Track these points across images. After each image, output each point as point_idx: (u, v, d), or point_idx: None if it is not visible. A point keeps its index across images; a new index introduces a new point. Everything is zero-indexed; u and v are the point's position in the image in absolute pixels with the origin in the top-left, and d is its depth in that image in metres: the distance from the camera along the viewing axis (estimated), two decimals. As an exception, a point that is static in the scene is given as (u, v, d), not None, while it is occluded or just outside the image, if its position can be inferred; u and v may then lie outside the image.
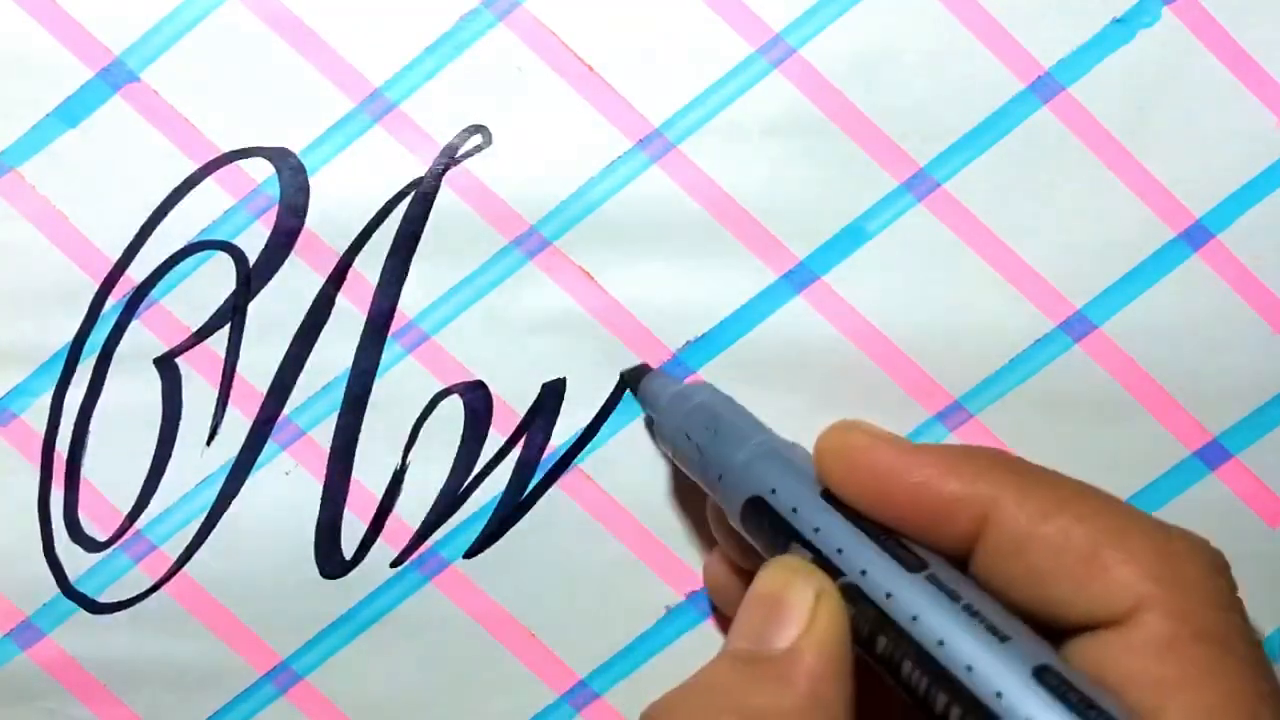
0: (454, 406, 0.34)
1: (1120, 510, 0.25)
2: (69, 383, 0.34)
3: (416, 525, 0.35)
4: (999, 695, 0.22)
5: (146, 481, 0.34)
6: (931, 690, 0.23)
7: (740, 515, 0.28)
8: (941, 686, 0.23)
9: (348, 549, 0.34)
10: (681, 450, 0.31)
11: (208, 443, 0.34)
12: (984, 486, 0.25)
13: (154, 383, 0.34)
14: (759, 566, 0.27)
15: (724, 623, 0.35)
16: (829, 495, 0.26)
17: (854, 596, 0.25)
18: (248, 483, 0.34)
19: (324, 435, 0.34)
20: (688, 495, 0.35)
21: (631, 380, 0.34)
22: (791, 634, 0.24)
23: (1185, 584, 0.23)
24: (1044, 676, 0.22)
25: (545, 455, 0.35)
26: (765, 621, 0.25)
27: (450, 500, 0.35)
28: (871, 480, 0.26)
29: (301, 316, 0.34)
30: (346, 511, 0.34)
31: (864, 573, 0.25)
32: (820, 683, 0.24)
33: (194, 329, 0.34)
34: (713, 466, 0.29)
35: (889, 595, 0.24)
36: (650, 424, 0.34)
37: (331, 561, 0.35)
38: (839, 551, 0.25)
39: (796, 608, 0.25)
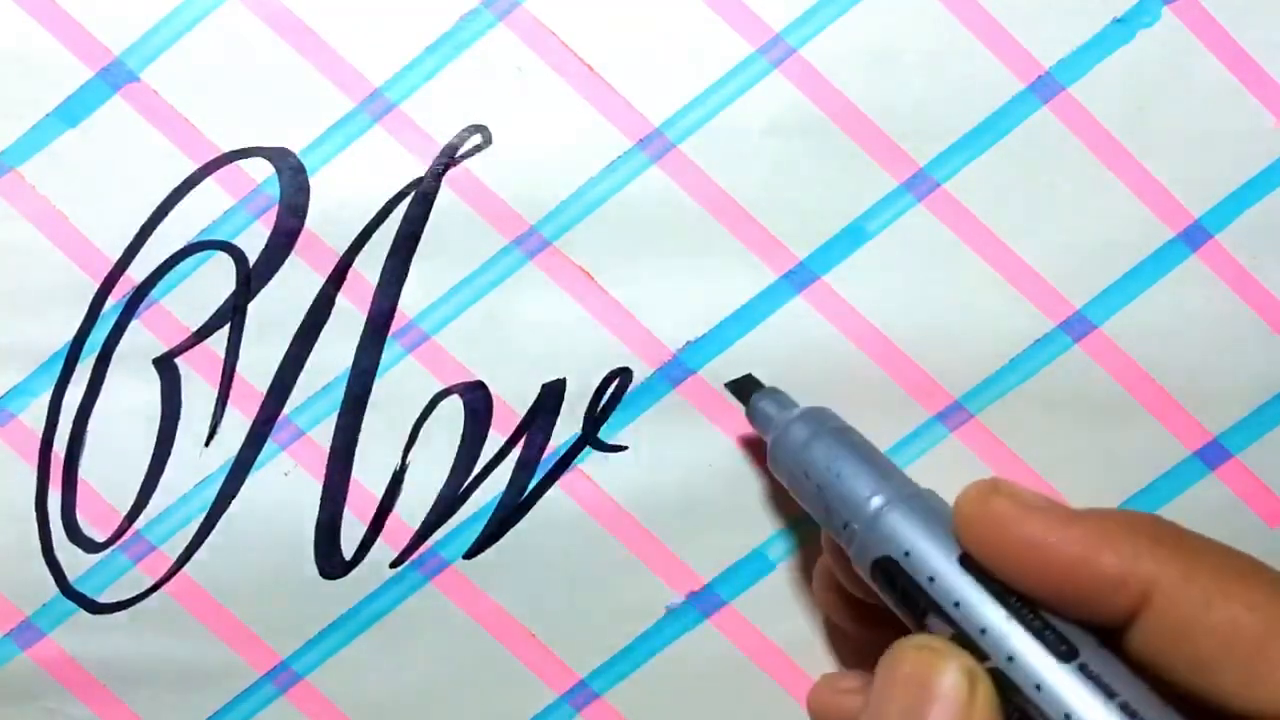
0: (454, 406, 0.34)
1: None
2: (68, 383, 0.34)
3: (416, 525, 0.35)
4: None
5: (145, 481, 0.34)
6: None
7: (870, 573, 0.27)
8: None
9: (348, 549, 0.34)
10: (801, 488, 0.29)
11: (207, 443, 0.34)
12: (1146, 564, 0.23)
13: (153, 383, 0.34)
14: (875, 612, 0.26)
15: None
16: (966, 559, 0.25)
17: (1001, 684, 0.23)
18: (247, 483, 0.34)
19: (324, 435, 0.34)
20: (688, 496, 0.35)
21: (739, 394, 0.33)
22: None
23: None
24: None
25: (545, 455, 0.35)
26: (918, 708, 0.24)
27: (450, 500, 0.35)
28: (1022, 553, 0.24)
29: (301, 316, 0.34)
30: (346, 512, 0.34)
31: (1010, 659, 0.23)
32: None
33: (194, 329, 0.34)
34: (837, 513, 0.28)
35: (1038, 688, 0.23)
36: (753, 444, 0.33)
37: (331, 562, 0.35)
38: (982, 632, 0.24)
39: (952, 696, 0.23)
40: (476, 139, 0.33)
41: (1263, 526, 0.35)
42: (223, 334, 0.34)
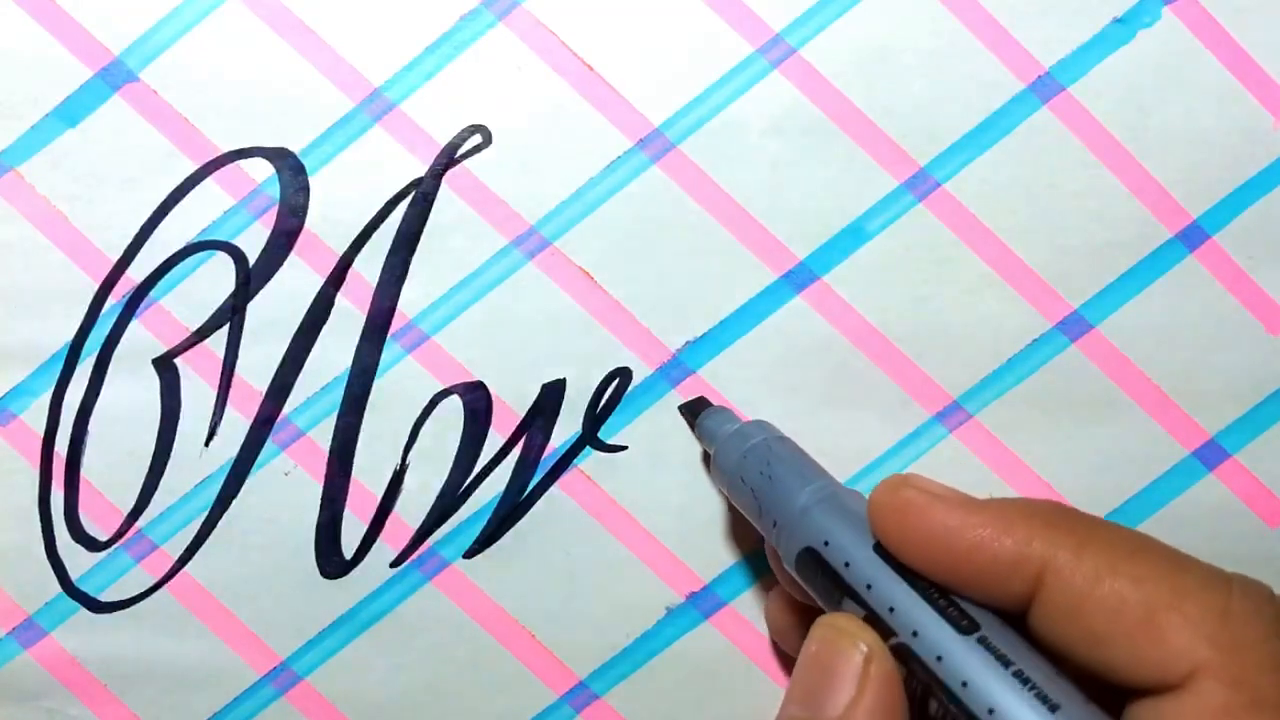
0: (454, 406, 0.34)
1: (1178, 567, 0.24)
2: (68, 383, 0.34)
3: (416, 525, 0.35)
4: None
5: (146, 481, 0.34)
6: None
7: (795, 564, 0.28)
8: None
9: (348, 549, 0.34)
10: (737, 493, 0.31)
11: (206, 443, 0.34)
12: (1039, 545, 0.24)
13: (153, 383, 0.34)
14: (816, 610, 0.27)
15: (760, 652, 0.35)
16: (880, 548, 0.26)
17: (905, 657, 0.24)
18: (247, 483, 0.34)
19: (324, 435, 0.34)
20: (688, 496, 0.35)
21: (689, 414, 0.34)
22: (843, 700, 0.24)
23: (1243, 648, 0.23)
24: None
25: (545, 455, 0.35)
26: (818, 686, 0.25)
27: (450, 500, 0.35)
28: (927, 538, 0.25)
29: (301, 316, 0.34)
30: (346, 512, 0.34)
31: (915, 633, 0.24)
32: None
33: (193, 329, 0.34)
34: (767, 513, 0.29)
35: (940, 658, 0.24)
36: (707, 460, 0.34)
37: (331, 562, 0.35)
38: (890, 610, 0.25)
39: (847, 673, 0.25)
40: (476, 139, 0.33)
41: (1263, 527, 0.35)
42: (222, 334, 0.34)
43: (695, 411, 0.34)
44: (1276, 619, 0.24)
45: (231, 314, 0.34)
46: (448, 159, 0.33)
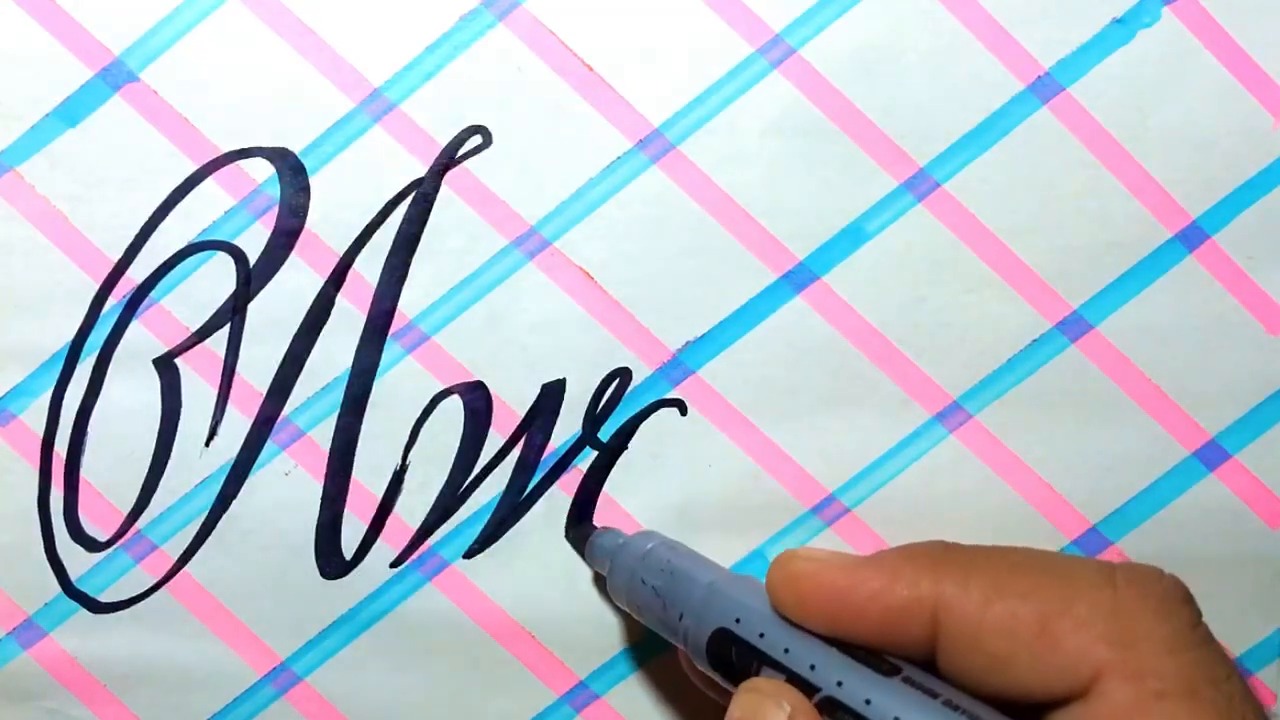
0: (454, 407, 0.34)
1: (1064, 573, 0.25)
2: (68, 383, 0.34)
3: (416, 525, 0.35)
4: None
5: (147, 481, 0.34)
6: None
7: (706, 651, 0.28)
8: None
9: (348, 549, 0.34)
10: (639, 596, 0.31)
11: (207, 443, 0.34)
12: (927, 585, 0.25)
13: (153, 383, 0.34)
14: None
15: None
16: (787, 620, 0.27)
17: (832, 708, 0.25)
18: (248, 483, 0.34)
19: (324, 435, 0.34)
20: (688, 496, 0.35)
21: (576, 541, 0.34)
22: None
23: (1137, 639, 0.23)
24: None
25: (545, 455, 0.35)
26: None
27: (450, 500, 0.35)
28: (823, 604, 0.26)
29: (301, 317, 0.34)
30: (346, 512, 0.34)
31: (840, 684, 0.25)
32: None
33: (194, 329, 0.34)
34: (673, 605, 0.29)
35: (868, 701, 0.24)
36: (600, 580, 0.34)
37: (331, 562, 0.35)
38: (811, 668, 0.26)
39: None
40: (476, 139, 0.33)
41: (1263, 527, 0.35)
42: (223, 334, 0.34)
43: (581, 538, 0.34)
44: (1165, 599, 0.24)
45: (232, 314, 0.34)
46: (448, 159, 0.33)
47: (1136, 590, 0.24)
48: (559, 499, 0.35)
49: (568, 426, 0.34)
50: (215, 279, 0.34)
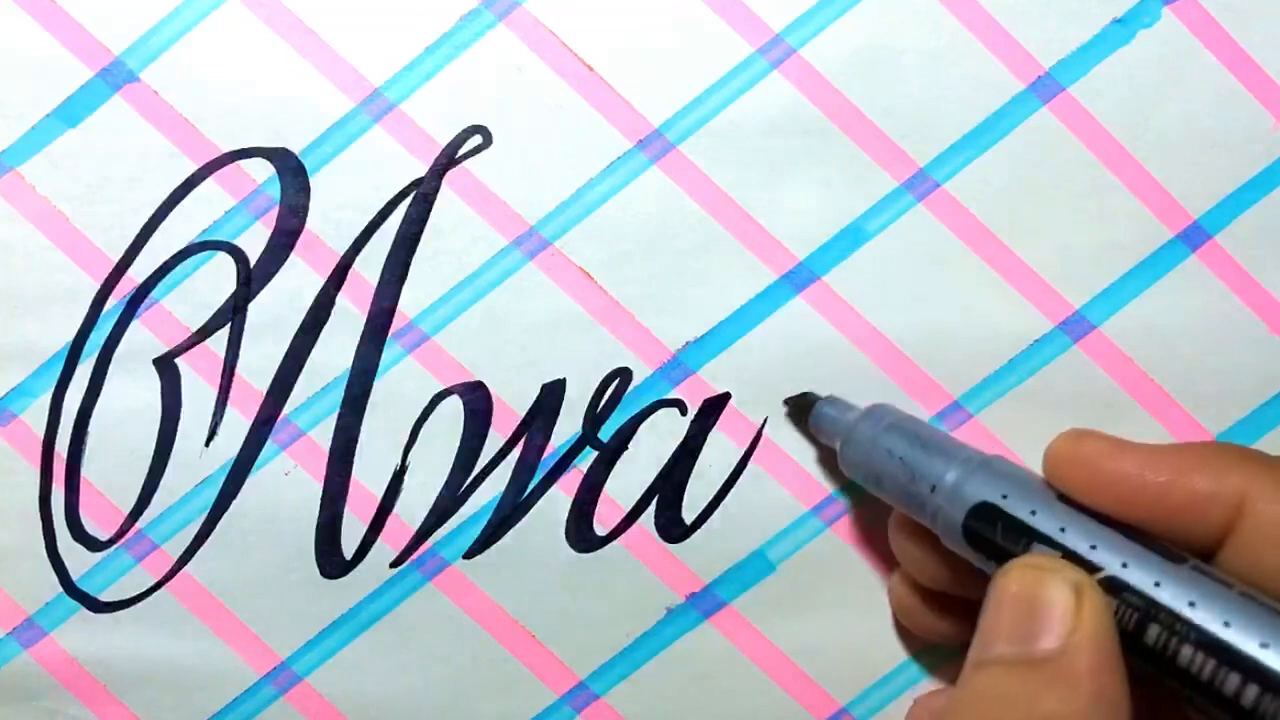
0: (454, 407, 0.34)
1: None
2: (68, 383, 0.34)
3: (416, 525, 0.35)
4: None
5: (147, 481, 0.34)
6: (1220, 673, 0.23)
7: (963, 525, 0.28)
8: (1234, 667, 0.23)
9: (348, 549, 0.34)
10: (881, 466, 0.30)
11: (207, 443, 0.34)
12: (1235, 480, 0.25)
13: (154, 383, 0.34)
14: (954, 583, 0.28)
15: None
16: (1064, 499, 0.26)
17: (1117, 588, 0.24)
18: (248, 483, 0.34)
19: (324, 435, 0.34)
20: (688, 496, 0.35)
21: (798, 408, 0.34)
22: (1060, 633, 0.24)
23: None
24: None
25: (545, 455, 0.35)
26: (1027, 623, 0.24)
27: (450, 500, 0.35)
28: (1115, 483, 0.25)
29: (301, 317, 0.34)
30: (346, 512, 0.34)
31: (1125, 565, 0.24)
32: (1103, 679, 0.23)
33: (194, 329, 0.34)
34: (923, 479, 0.29)
35: (1158, 584, 0.24)
36: (818, 445, 0.34)
37: (331, 561, 0.35)
38: (1092, 548, 0.25)
39: (1059, 605, 0.24)
40: (476, 139, 0.33)
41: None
42: (223, 334, 0.34)
43: (804, 406, 0.34)
44: None
45: (232, 314, 0.34)
46: (448, 159, 0.33)
47: None
48: (559, 499, 0.35)
49: (568, 426, 0.34)
50: (215, 279, 0.34)
